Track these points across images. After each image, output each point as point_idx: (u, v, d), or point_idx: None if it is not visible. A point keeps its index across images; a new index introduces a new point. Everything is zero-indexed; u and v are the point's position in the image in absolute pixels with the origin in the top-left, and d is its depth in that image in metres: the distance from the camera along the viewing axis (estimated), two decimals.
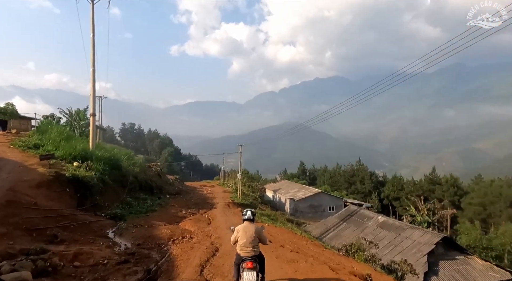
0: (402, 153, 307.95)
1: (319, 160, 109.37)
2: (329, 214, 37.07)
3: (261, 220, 20.00)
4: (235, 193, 31.85)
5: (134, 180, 20.86)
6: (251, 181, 43.82)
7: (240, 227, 5.86)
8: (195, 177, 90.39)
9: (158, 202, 19.96)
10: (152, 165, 34.32)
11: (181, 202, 23.03)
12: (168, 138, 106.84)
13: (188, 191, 33.25)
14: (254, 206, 29.06)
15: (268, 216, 24.29)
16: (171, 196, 26.93)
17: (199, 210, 19.29)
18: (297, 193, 38.79)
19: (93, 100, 20.64)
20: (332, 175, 76.31)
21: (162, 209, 17.20)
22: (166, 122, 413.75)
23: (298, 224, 30.12)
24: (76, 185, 12.73)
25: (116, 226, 11.28)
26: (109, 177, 17.25)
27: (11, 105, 22.64)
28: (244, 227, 5.83)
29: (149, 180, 24.74)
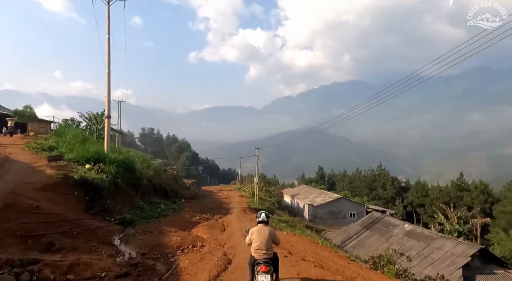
0: (425, 158, 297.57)
1: (337, 165, 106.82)
2: (350, 221, 35.40)
3: (279, 226, 18.93)
4: (252, 198, 30.90)
5: (148, 184, 20.30)
6: (268, 186, 42.72)
7: (255, 230, 5.87)
8: (213, 181, 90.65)
9: (172, 207, 19.26)
10: (168, 169, 33.95)
11: (196, 206, 22.28)
12: (186, 143, 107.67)
13: (204, 196, 32.57)
14: (271, 211, 27.97)
15: (286, 222, 23.16)
16: (187, 201, 26.28)
17: (214, 215, 18.44)
18: (316, 199, 37.35)
19: (108, 102, 20.28)
20: (352, 180, 73.97)
21: (175, 214, 16.44)
22: (185, 127, 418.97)
23: (318, 231, 28.78)
24: (85, 188, 12.15)
25: (124, 232, 10.55)
26: (121, 180, 16.72)
27: (29, 108, 22.68)
28: (258, 229, 5.84)
29: (164, 184, 24.19)
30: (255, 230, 5.85)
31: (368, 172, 73.64)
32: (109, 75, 20.38)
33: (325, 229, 30.27)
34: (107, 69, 20.38)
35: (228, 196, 33.51)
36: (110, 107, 20.54)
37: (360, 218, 35.63)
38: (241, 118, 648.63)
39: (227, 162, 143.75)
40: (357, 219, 35.61)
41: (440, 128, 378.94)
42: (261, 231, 5.77)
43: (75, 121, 35.75)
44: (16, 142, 18.93)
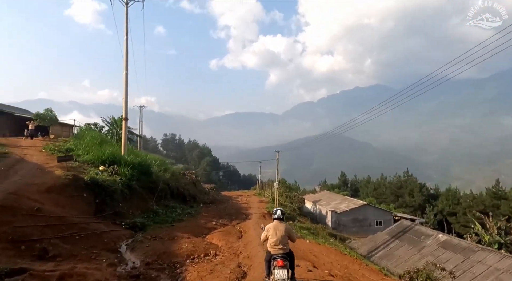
0: (453, 164, 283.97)
1: (359, 171, 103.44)
2: (377, 230, 33.40)
3: (300, 234, 17.70)
4: (272, 204, 29.72)
5: (164, 187, 19.69)
6: (289, 191, 41.34)
7: (271, 226, 5.98)
8: (233, 187, 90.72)
9: (189, 211, 18.47)
10: (187, 173, 33.44)
11: (213, 211, 21.43)
12: (207, 148, 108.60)
13: (223, 201, 31.73)
14: (292, 217, 26.70)
15: (308, 230, 21.83)
16: (205, 205, 25.54)
17: (231, 221, 17.49)
18: (339, 205, 35.61)
19: (125, 104, 19.93)
20: (377, 186, 70.94)
21: (191, 219, 15.61)
22: (206, 133, 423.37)
23: (342, 239, 27.16)
24: (95, 190, 11.56)
25: (133, 238, 9.77)
26: (137, 183, 16.17)
27: (50, 111, 22.79)
28: (274, 226, 5.93)
29: (181, 188, 23.54)
30: (271, 226, 5.96)
31: (393, 178, 70.47)
32: (127, 77, 20.09)
33: (349, 237, 28.58)
34: (125, 70, 20.11)
35: (247, 202, 32.51)
36: (127, 109, 20.20)
37: (387, 226, 33.56)
38: (262, 124, 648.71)
39: (248, 168, 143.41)
40: (384, 227, 33.56)
41: (470, 133, 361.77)
42: (277, 227, 5.86)
43: (98, 125, 36.18)
44: (35, 145, 18.87)
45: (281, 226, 5.86)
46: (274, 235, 5.74)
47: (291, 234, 5.98)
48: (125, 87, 20.01)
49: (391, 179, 71.14)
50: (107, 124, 36.48)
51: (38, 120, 22.38)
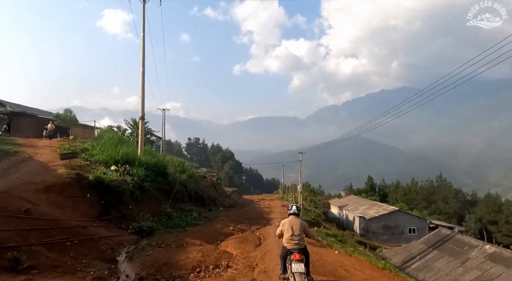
0: (490, 170, 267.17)
1: (387, 177, 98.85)
2: (410, 238, 30.81)
3: (326, 241, 16.02)
4: None
5: (181, 190, 18.70)
6: (313, 195, 39.38)
7: (286, 221, 5.96)
8: (256, 191, 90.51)
9: (206, 215, 17.30)
10: (207, 176, 32.50)
11: (233, 215, 20.17)
12: (230, 152, 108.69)
13: (244, 204, 30.43)
14: (317, 223, 24.95)
15: (335, 237, 20.02)
16: (224, 209, 24.40)
17: (251, 226, 16.12)
18: (368, 211, 33.28)
19: (142, 102, 19.23)
20: (407, 192, 67.02)
21: (207, 224, 14.40)
22: (229, 138, 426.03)
23: (371, 248, 25.04)
24: (101, 190, 10.62)
25: (135, 245, 8.65)
26: (151, 184, 15.28)
27: (69, 111, 22.62)
28: (290, 220, 5.92)
29: (200, 191, 22.50)
30: (286, 221, 5.95)
31: (426, 183, 66.43)
32: (144, 75, 19.40)
33: (379, 246, 26.36)
34: (142, 68, 19.45)
35: (270, 206, 31.01)
36: (144, 108, 19.48)
37: (421, 234, 30.89)
38: (285, 128, 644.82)
39: (271, 172, 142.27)
40: (418, 235, 30.90)
41: (508, 137, 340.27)
42: (292, 222, 5.85)
43: (121, 128, 36.21)
44: (52, 145, 18.51)
45: (297, 221, 5.86)
46: (290, 229, 5.72)
47: (306, 229, 5.95)
48: (142, 85, 19.31)
49: (422, 184, 67.16)
50: (129, 126, 36.52)
51: (57, 121, 22.21)
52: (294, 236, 5.62)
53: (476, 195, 63.84)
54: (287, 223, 5.87)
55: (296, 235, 5.63)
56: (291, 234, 5.64)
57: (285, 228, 5.80)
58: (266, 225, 16.93)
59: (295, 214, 6.02)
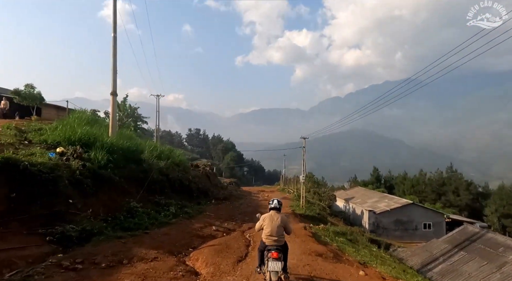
0: (495, 162, 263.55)
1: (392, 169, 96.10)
2: (425, 234, 27.80)
3: (336, 242, 12.97)
4: (297, 201, 25.04)
5: (161, 179, 15.59)
6: (317, 187, 36.25)
7: (267, 216, 5.86)
8: (258, 182, 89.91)
9: (188, 210, 14.16)
10: (200, 165, 29.46)
11: (223, 210, 17.14)
12: (231, 143, 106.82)
13: (240, 197, 27.43)
14: (322, 218, 21.88)
15: (344, 235, 16.92)
16: (217, 202, 21.43)
17: (242, 224, 13.07)
18: (378, 204, 30.17)
19: (113, 74, 15.99)
20: (415, 183, 63.70)
21: (182, 222, 11.26)
22: (232, 130, 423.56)
23: (384, 246, 21.98)
24: (13, 177, 7.42)
25: (40, 264, 5.54)
26: (118, 172, 12.18)
27: (31, 87, 19.25)
28: (270, 216, 5.81)
29: (187, 181, 19.38)
30: (266, 216, 5.84)
31: (435, 174, 63.06)
32: (115, 41, 16.14)
33: (393, 243, 23.31)
34: (113, 33, 16.14)
35: (269, 198, 28.00)
36: (115, 81, 16.26)
37: (437, 230, 27.86)
38: (288, 120, 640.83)
39: (273, 164, 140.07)
40: (434, 232, 27.87)
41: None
42: (272, 217, 5.74)
43: (108, 113, 33.11)
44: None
45: (277, 217, 5.74)
46: (269, 225, 5.62)
47: (287, 225, 5.79)
48: (114, 54, 16.06)
49: (431, 176, 63.83)
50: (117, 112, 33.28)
51: (17, 99, 18.97)
52: (273, 232, 5.53)
53: (488, 187, 60.61)
54: (267, 218, 5.77)
55: (275, 232, 5.54)
56: (270, 230, 5.56)
57: (265, 223, 5.70)
58: None
59: (276, 208, 5.90)
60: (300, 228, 13.03)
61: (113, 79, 16.01)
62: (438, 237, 27.75)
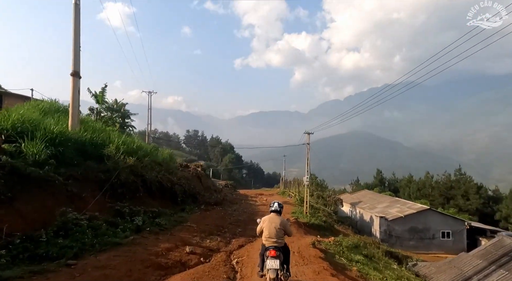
0: (495, 165, 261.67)
1: (390, 171, 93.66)
2: (443, 244, 24.71)
3: (355, 265, 9.83)
4: (300, 206, 21.91)
5: (132, 181, 12.43)
6: (321, 190, 33.06)
7: (266, 218, 5.83)
8: (257, 185, 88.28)
9: (161, 221, 10.94)
10: (190, 165, 26.31)
11: (211, 218, 13.99)
12: (229, 145, 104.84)
13: (234, 201, 24.33)
14: (329, 227, 18.74)
15: (357, 249, 13.77)
16: (207, 207, 18.34)
17: (231, 239, 9.98)
18: (389, 210, 27.03)
19: (74, 50, 12.92)
20: (421, 186, 60.64)
21: (142, 241, 7.97)
22: (231, 132, 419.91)
23: (399, 258, 18.86)
24: None
25: None
26: (64, 171, 9.12)
27: None
28: (270, 218, 5.78)
29: (169, 183, 16.25)
30: (266, 218, 5.80)
31: (442, 177, 59.94)
32: (78, 8, 13.07)
33: (410, 256, 20.14)
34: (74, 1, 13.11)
35: (268, 202, 24.91)
36: (78, 60, 13.16)
37: (457, 240, 24.76)
38: (287, 122, 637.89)
39: (272, 167, 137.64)
40: (454, 241, 24.77)
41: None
42: (272, 220, 5.70)
43: (94, 109, 30.16)
44: None
45: (277, 219, 5.71)
46: (269, 227, 5.61)
47: (286, 228, 5.74)
48: (75, 25, 12.98)
49: (438, 178, 60.74)
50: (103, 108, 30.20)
51: None
52: (273, 234, 5.52)
53: (498, 190, 57.56)
54: (267, 220, 5.74)
55: (275, 234, 5.50)
56: (270, 232, 5.54)
57: (264, 226, 5.70)
58: (256, 236, 10.74)
59: (276, 211, 5.88)
60: (307, 245, 9.91)
61: (74, 56, 12.90)
62: (458, 247, 24.65)
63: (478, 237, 24.70)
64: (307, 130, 19.27)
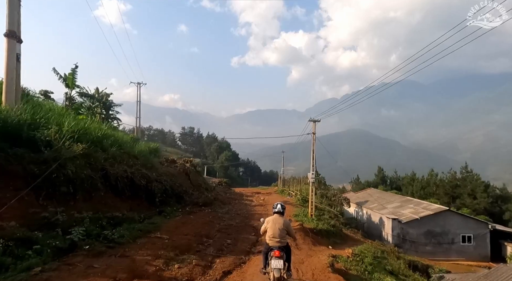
0: (489, 163, 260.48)
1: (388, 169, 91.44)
2: (463, 250, 21.88)
3: None
4: (303, 207, 18.89)
5: (86, 176, 9.28)
6: (325, 189, 30.03)
7: (270, 219, 6.04)
8: (254, 183, 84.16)
9: (119, 231, 7.84)
10: (177, 160, 23.14)
11: (193, 225, 10.86)
12: (226, 142, 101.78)
13: (229, 201, 21.25)
14: (339, 233, 15.74)
15: (379, 261, 10.80)
16: (192, 209, 15.34)
17: (216, 257, 6.91)
18: (401, 210, 24.10)
19: (9, 5, 9.73)
20: (425, 185, 57.95)
21: (57, 274, 4.78)
22: (228, 130, 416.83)
23: (419, 268, 15.96)
24: None
25: None
26: None
27: None
28: (273, 219, 5.99)
29: (143, 179, 13.12)
30: (270, 219, 6.01)
31: (447, 175, 57.28)
32: None
33: (431, 265, 17.21)
34: None
35: (265, 202, 21.89)
36: (16, 16, 9.97)
37: (480, 245, 21.95)
38: (284, 121, 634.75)
39: (269, 165, 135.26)
40: (475, 246, 21.93)
41: (508, 130, 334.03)
42: (276, 220, 5.91)
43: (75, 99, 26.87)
44: None
45: (280, 220, 5.91)
46: (272, 227, 5.81)
47: (289, 229, 5.98)
48: None
49: (443, 176, 58.12)
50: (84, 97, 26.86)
51: None
52: (276, 234, 5.71)
53: (506, 189, 55.14)
54: (271, 221, 5.93)
55: (278, 234, 5.71)
56: (273, 232, 5.74)
57: (268, 226, 5.89)
58: (250, 253, 7.66)
59: (279, 212, 6.07)
60: (323, 267, 6.93)
61: (9, 12, 9.71)
62: (480, 253, 21.82)
63: (503, 241, 21.88)
64: (312, 118, 16.19)
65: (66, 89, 20.17)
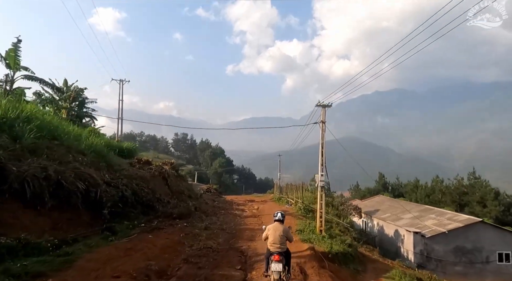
0: (483, 171, 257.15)
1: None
2: (502, 270, 18.03)
3: None
4: (307, 218, 14.95)
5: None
6: (330, 196, 26.08)
7: (271, 226, 6.48)
8: (249, 190, 79.69)
9: None
10: (151, 160, 19.04)
11: (147, 252, 6.89)
12: (220, 149, 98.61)
13: (214, 211, 17.20)
14: (358, 257, 11.79)
15: None
16: (163, 223, 11.48)
17: None
18: (422, 222, 20.21)
19: None
20: (430, 192, 54.33)
21: None
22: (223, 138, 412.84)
23: None
24: None
25: None
26: None
27: None
28: (274, 226, 6.44)
29: (82, 182, 9.07)
30: (271, 226, 6.47)
31: (454, 181, 53.82)
32: None
33: None
34: None
35: (259, 212, 17.91)
36: None
37: None
38: (279, 128, 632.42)
39: (265, 172, 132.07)
40: None
41: (501, 138, 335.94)
42: (276, 228, 6.35)
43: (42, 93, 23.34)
44: None
45: (280, 227, 6.33)
46: (273, 234, 6.24)
47: (288, 235, 6.37)
48: None
49: (449, 183, 54.67)
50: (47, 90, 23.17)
51: None
52: (276, 240, 6.14)
53: None
54: (271, 228, 6.37)
55: (278, 240, 6.14)
56: (274, 238, 6.17)
57: (269, 233, 6.31)
58: None
59: (279, 220, 6.48)
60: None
61: None
62: None
63: None
64: (320, 101, 12.39)
65: (8, 70, 16.12)
